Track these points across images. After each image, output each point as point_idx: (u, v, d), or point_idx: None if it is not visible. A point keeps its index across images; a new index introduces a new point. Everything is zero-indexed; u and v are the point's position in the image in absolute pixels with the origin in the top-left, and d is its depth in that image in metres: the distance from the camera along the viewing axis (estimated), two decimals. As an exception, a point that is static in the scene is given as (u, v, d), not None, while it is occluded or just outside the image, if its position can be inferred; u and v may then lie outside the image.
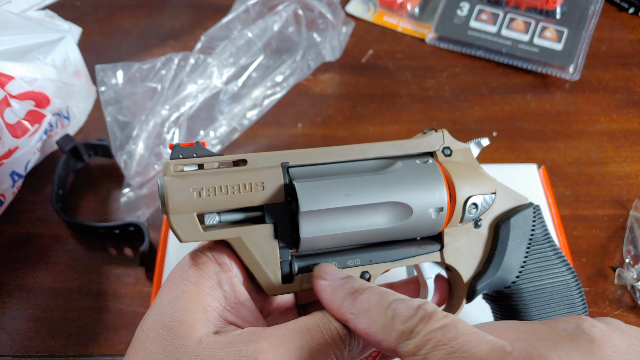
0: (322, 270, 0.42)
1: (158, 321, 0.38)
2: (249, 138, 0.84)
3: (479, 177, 0.46)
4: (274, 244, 0.42)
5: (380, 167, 0.45)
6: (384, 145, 0.46)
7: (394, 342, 0.35)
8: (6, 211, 0.75)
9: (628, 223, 0.73)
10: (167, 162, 0.41)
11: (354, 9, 1.01)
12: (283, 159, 0.43)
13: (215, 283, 0.40)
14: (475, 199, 0.45)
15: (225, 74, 0.81)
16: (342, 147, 0.45)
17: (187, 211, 0.40)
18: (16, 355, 0.64)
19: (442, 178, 0.45)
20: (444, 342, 0.33)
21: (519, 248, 0.48)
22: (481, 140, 0.50)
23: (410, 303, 0.36)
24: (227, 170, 0.42)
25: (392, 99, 0.89)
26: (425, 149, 0.47)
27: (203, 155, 0.42)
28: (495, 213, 0.48)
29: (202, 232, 0.40)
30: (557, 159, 0.81)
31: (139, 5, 1.02)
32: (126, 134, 0.77)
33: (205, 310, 0.38)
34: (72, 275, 0.70)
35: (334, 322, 0.39)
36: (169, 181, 0.40)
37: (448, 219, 0.45)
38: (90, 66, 0.84)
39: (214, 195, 0.40)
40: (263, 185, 0.41)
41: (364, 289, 0.39)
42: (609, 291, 0.69)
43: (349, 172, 0.44)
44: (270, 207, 0.42)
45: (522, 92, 0.89)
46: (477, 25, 0.95)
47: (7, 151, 0.69)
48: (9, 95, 0.68)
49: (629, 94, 0.89)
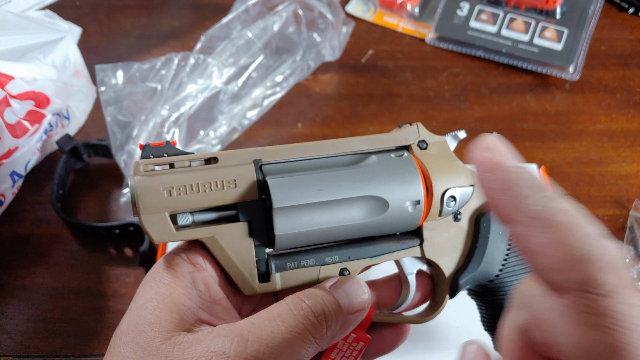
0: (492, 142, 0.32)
1: (131, 324, 0.37)
2: (249, 138, 0.84)
3: (455, 169, 0.46)
4: (249, 242, 0.41)
5: (354, 161, 0.45)
6: (357, 140, 0.46)
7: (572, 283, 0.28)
8: (6, 211, 0.75)
9: (628, 223, 0.73)
10: (137, 162, 0.40)
11: (354, 9, 1.01)
12: (255, 156, 0.43)
13: (189, 283, 0.39)
14: (452, 191, 0.45)
15: (225, 74, 0.81)
16: (314, 143, 0.45)
17: (158, 211, 0.39)
18: (16, 355, 0.64)
19: (418, 171, 0.44)
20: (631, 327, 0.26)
21: (501, 241, 0.47)
22: (458, 133, 0.49)
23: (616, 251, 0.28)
24: (198, 169, 0.41)
25: (392, 99, 0.89)
26: (401, 142, 0.47)
27: (173, 154, 0.41)
28: (475, 205, 0.47)
29: (174, 232, 0.40)
30: (557, 159, 0.81)
31: (139, 5, 1.02)
32: (126, 134, 0.77)
33: (178, 311, 0.37)
34: (72, 275, 0.70)
35: (306, 300, 0.37)
36: (138, 181, 0.39)
37: (426, 212, 0.45)
38: (90, 66, 0.84)
39: (185, 194, 0.40)
40: (235, 182, 0.41)
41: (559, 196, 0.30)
42: (609, 291, 0.69)
43: (322, 167, 0.44)
44: (243, 205, 0.41)
45: (522, 92, 0.89)
46: (477, 25, 0.95)
47: (7, 151, 0.69)
48: (9, 95, 0.68)
49: (629, 94, 0.89)
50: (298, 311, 0.37)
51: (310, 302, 0.37)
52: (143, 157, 0.41)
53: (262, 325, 0.36)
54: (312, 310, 0.37)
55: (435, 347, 0.62)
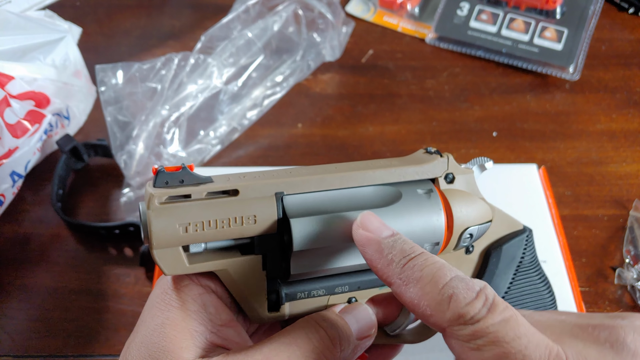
0: (365, 220, 0.39)
1: (143, 350, 0.37)
2: (249, 138, 0.84)
3: (478, 206, 0.45)
4: (261, 275, 0.40)
5: (381, 201, 0.43)
6: (385, 173, 0.43)
7: (446, 322, 0.33)
8: (6, 211, 0.75)
9: (628, 223, 0.73)
10: (151, 192, 0.37)
11: (354, 9, 1.01)
12: (277, 188, 0.40)
13: (200, 306, 0.38)
14: (472, 229, 0.44)
15: (225, 74, 0.81)
16: (340, 176, 0.42)
17: (172, 245, 0.37)
18: (16, 355, 0.64)
19: (442, 212, 0.43)
20: (505, 339, 0.32)
21: (506, 274, 0.48)
22: (485, 164, 0.47)
23: (470, 284, 0.34)
24: (217, 203, 0.38)
25: (392, 99, 0.89)
26: (428, 175, 0.45)
27: (190, 182, 0.38)
28: (489, 240, 0.47)
29: (187, 265, 0.38)
30: (557, 159, 0.81)
31: (139, 5, 1.02)
32: (126, 134, 0.77)
33: (191, 337, 0.37)
34: (72, 275, 0.70)
35: (322, 324, 0.38)
36: (153, 216, 0.36)
37: (443, 248, 0.44)
38: (90, 66, 0.84)
39: (202, 230, 0.37)
40: (255, 218, 0.39)
41: (416, 254, 0.36)
42: (609, 291, 0.69)
43: (347, 204, 0.42)
44: (260, 238, 0.40)
45: (522, 92, 0.89)
46: (477, 25, 0.95)
47: (7, 151, 0.69)
48: (9, 95, 0.68)
49: (629, 94, 0.89)
50: (314, 335, 0.37)
51: (326, 325, 0.38)
52: (157, 185, 0.38)
53: (280, 350, 0.36)
54: (328, 334, 0.37)
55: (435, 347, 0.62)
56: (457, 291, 0.33)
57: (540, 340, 0.32)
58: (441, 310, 0.33)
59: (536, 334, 0.33)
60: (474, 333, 0.32)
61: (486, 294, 0.33)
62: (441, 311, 0.33)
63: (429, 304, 0.34)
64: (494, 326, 0.32)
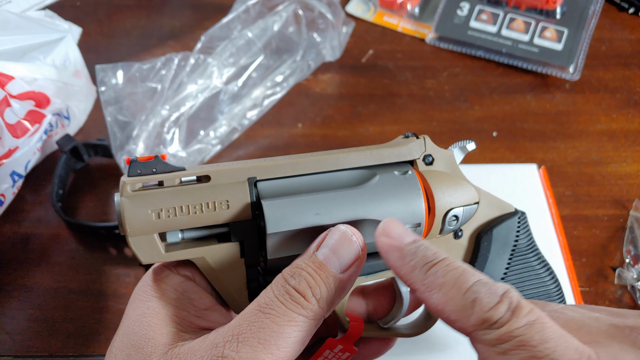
0: (387, 227, 0.39)
1: (125, 341, 0.37)
2: (249, 138, 0.84)
3: (461, 187, 0.44)
4: (240, 262, 0.40)
5: (355, 181, 0.42)
6: (360, 155, 0.43)
7: (471, 327, 0.33)
8: (6, 211, 0.75)
9: (628, 223, 0.73)
10: (124, 180, 0.38)
11: (354, 9, 1.01)
12: (250, 173, 0.40)
13: (181, 294, 0.39)
14: (456, 211, 0.43)
15: (225, 74, 0.81)
16: (314, 159, 0.42)
17: (146, 233, 0.38)
18: (16, 355, 0.64)
19: (421, 192, 0.42)
20: (531, 343, 0.31)
21: (500, 259, 0.46)
22: (467, 145, 0.47)
23: (493, 288, 0.34)
24: (189, 189, 0.39)
25: (392, 99, 0.89)
26: (405, 157, 0.44)
27: (163, 170, 0.39)
28: (478, 223, 0.46)
29: (163, 253, 0.38)
30: (557, 159, 0.81)
31: (139, 5, 1.02)
32: (126, 134, 0.77)
33: (172, 323, 0.37)
34: (72, 275, 0.70)
35: (290, 281, 0.36)
36: (125, 203, 0.37)
37: (426, 232, 0.44)
38: (90, 66, 0.84)
39: (175, 216, 0.38)
40: (228, 203, 0.39)
41: (438, 260, 0.36)
42: (609, 291, 0.69)
43: (321, 186, 0.41)
44: (235, 225, 0.39)
45: (522, 92, 0.89)
46: (477, 25, 0.95)
47: (7, 151, 0.69)
48: (9, 95, 0.68)
49: (629, 94, 0.89)
50: (283, 296, 0.36)
51: (295, 281, 0.36)
52: (130, 174, 0.38)
53: (252, 319, 0.35)
54: (298, 290, 0.36)
55: (435, 347, 0.62)
56: (480, 295, 0.33)
57: (570, 342, 0.32)
58: (465, 315, 0.33)
59: (565, 336, 0.32)
60: (499, 337, 0.32)
61: (510, 298, 0.33)
62: (465, 316, 0.33)
63: (453, 309, 0.34)
64: (519, 330, 0.32)
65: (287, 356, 0.35)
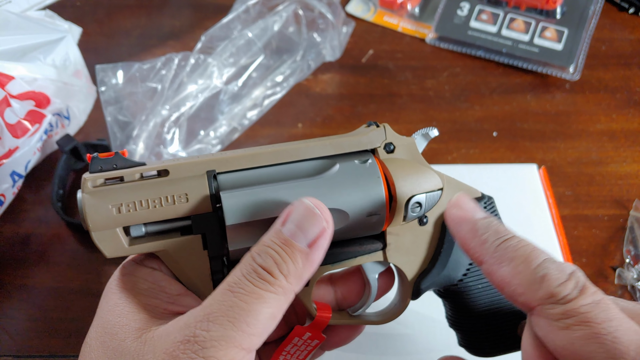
0: (460, 200, 0.41)
1: (99, 330, 0.38)
2: (249, 138, 0.84)
3: (423, 173, 0.44)
4: (202, 254, 0.41)
5: (315, 171, 0.43)
6: (320, 145, 0.43)
7: (537, 300, 0.35)
8: (6, 211, 0.75)
9: (628, 223, 0.73)
10: (84, 177, 0.39)
11: (354, 9, 1.01)
12: (209, 166, 0.41)
13: (151, 283, 0.40)
14: (418, 197, 0.43)
15: (225, 74, 0.81)
16: (273, 150, 0.42)
17: (108, 227, 0.39)
18: (16, 355, 0.64)
19: (381, 180, 0.43)
20: (596, 320, 0.33)
21: None
22: (429, 132, 0.47)
23: (562, 266, 0.36)
24: (148, 183, 0.40)
25: (392, 99, 0.89)
26: (366, 146, 0.44)
27: (124, 166, 0.40)
28: (443, 209, 0.46)
29: (126, 247, 0.39)
30: (557, 159, 0.81)
31: (139, 5, 1.02)
32: (126, 134, 0.77)
33: (145, 310, 0.38)
34: (72, 275, 0.70)
35: (257, 259, 0.36)
36: (86, 199, 0.38)
37: (389, 220, 0.44)
38: (90, 66, 0.84)
39: (135, 211, 0.39)
40: (187, 196, 0.40)
41: (510, 235, 0.38)
42: (609, 291, 0.69)
43: (281, 177, 0.42)
44: (197, 217, 0.40)
45: (522, 92, 0.89)
46: (477, 25, 0.95)
47: (7, 151, 0.69)
48: (9, 95, 0.68)
49: (629, 94, 0.89)
50: (251, 275, 0.36)
51: (261, 259, 0.36)
52: (92, 171, 0.39)
53: (221, 299, 0.35)
54: (264, 268, 0.36)
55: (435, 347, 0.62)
56: (550, 272, 0.35)
57: (631, 325, 0.33)
58: (533, 289, 0.35)
59: (625, 318, 0.34)
60: (565, 312, 0.34)
61: (578, 277, 0.35)
62: (533, 290, 0.35)
63: (521, 283, 0.36)
64: (585, 307, 0.33)
65: (258, 332, 0.35)
